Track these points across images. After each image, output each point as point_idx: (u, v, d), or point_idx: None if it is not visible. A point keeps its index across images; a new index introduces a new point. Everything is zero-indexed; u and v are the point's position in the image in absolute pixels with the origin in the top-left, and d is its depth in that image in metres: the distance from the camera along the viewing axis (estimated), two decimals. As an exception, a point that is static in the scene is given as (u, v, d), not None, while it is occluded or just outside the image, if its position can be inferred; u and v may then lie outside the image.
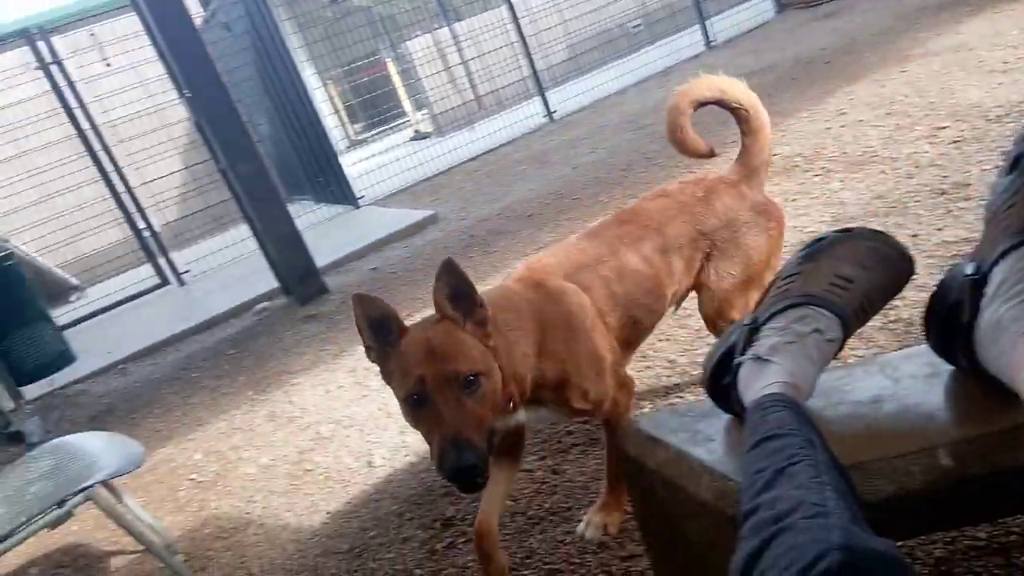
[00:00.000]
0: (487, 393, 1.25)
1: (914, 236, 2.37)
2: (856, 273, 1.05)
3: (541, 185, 5.48)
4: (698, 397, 2.01)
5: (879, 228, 1.11)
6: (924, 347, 1.07)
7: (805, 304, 1.06)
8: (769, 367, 1.02)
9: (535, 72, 8.82)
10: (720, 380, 1.13)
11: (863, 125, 3.69)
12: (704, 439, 1.16)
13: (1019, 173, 0.93)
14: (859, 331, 1.12)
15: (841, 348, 1.05)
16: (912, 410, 1.00)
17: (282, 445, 2.70)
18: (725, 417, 1.18)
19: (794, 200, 3.25)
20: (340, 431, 2.66)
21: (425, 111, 11.33)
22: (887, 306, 1.13)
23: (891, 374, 1.08)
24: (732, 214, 1.69)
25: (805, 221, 2.96)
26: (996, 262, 0.88)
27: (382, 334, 1.28)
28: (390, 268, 4.75)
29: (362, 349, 1.32)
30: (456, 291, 1.29)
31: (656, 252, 1.63)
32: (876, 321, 1.65)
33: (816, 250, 1.11)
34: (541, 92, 8.71)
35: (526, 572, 1.63)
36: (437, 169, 8.01)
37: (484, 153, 8.08)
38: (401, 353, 1.25)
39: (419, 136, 11.36)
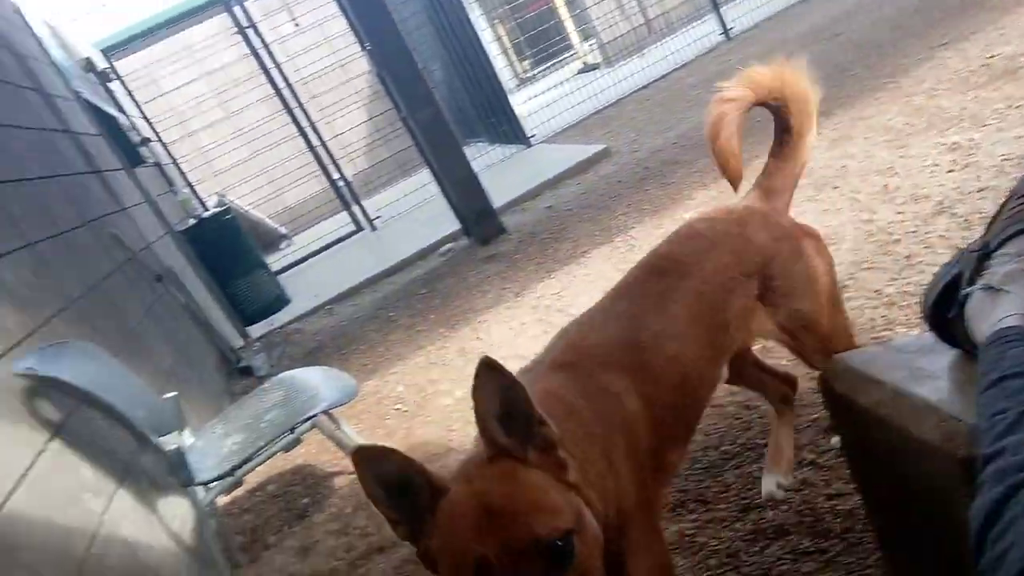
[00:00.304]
0: (586, 559, 0.86)
1: None
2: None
3: (719, 110, 5.17)
4: (909, 331, 1.85)
5: None
6: None
7: None
8: (1004, 297, 0.90)
9: (709, -13, 8.27)
10: (944, 313, 1.03)
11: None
12: (927, 376, 1.06)
13: None
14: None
15: (1087, 274, 0.91)
16: None
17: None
18: (950, 353, 1.08)
19: (1019, 107, 2.82)
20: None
21: (592, 41, 11.05)
22: None
23: None
24: (776, 245, 1.37)
25: (1039, 129, 2.57)
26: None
27: (407, 499, 0.89)
28: (565, 205, 4.77)
29: (543, 287, 1.19)
30: (508, 405, 0.90)
31: (706, 308, 1.30)
32: None
33: (1057, 165, 0.96)
34: (716, 8, 8.16)
35: (721, 506, 1.61)
36: (607, 101, 7.84)
37: (656, 80, 7.77)
38: (443, 524, 0.87)
39: (587, 68, 11.13)
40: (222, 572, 2.11)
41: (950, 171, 2.61)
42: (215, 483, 2.02)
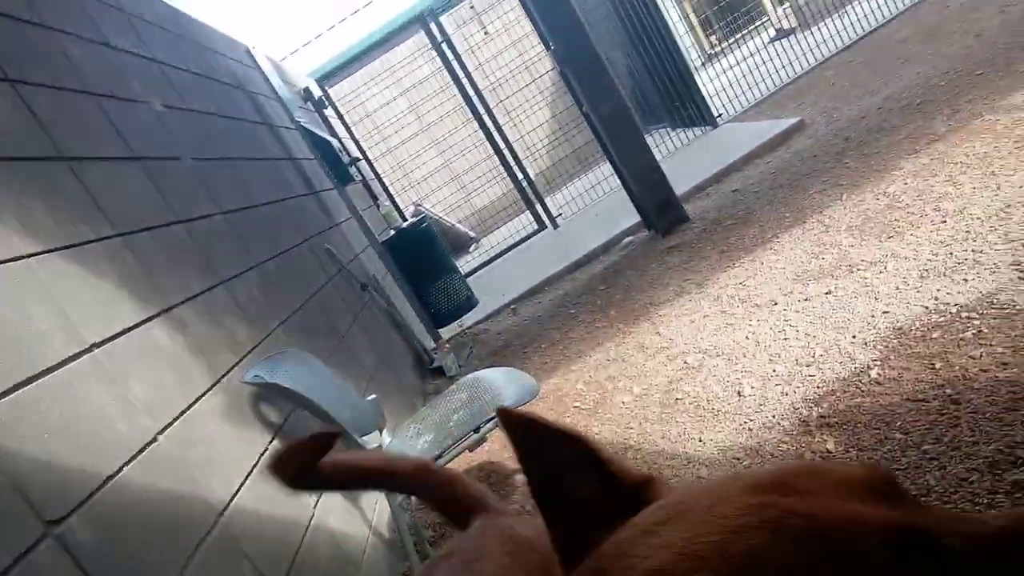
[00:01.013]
0: None
1: None
2: None
3: (933, 65, 4.59)
4: None
5: None
6: None
7: None
8: None
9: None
10: None
11: None
12: None
13: None
14: None
15: None
16: None
17: (652, 375, 2.80)
18: None
19: None
20: (707, 360, 2.65)
21: (787, 3, 10.29)
22: None
23: None
24: None
25: None
26: None
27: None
28: (752, 188, 4.50)
29: (726, 276, 0.98)
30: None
31: None
32: None
33: None
34: (929, -52, 7.20)
35: (917, 522, 1.44)
36: (804, 68, 7.26)
37: (859, 39, 7.05)
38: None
39: (781, 34, 10.38)
40: (414, 564, 2.27)
41: None
42: (406, 479, 2.18)
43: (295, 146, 4.78)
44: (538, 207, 7.38)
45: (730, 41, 12.27)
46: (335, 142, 5.85)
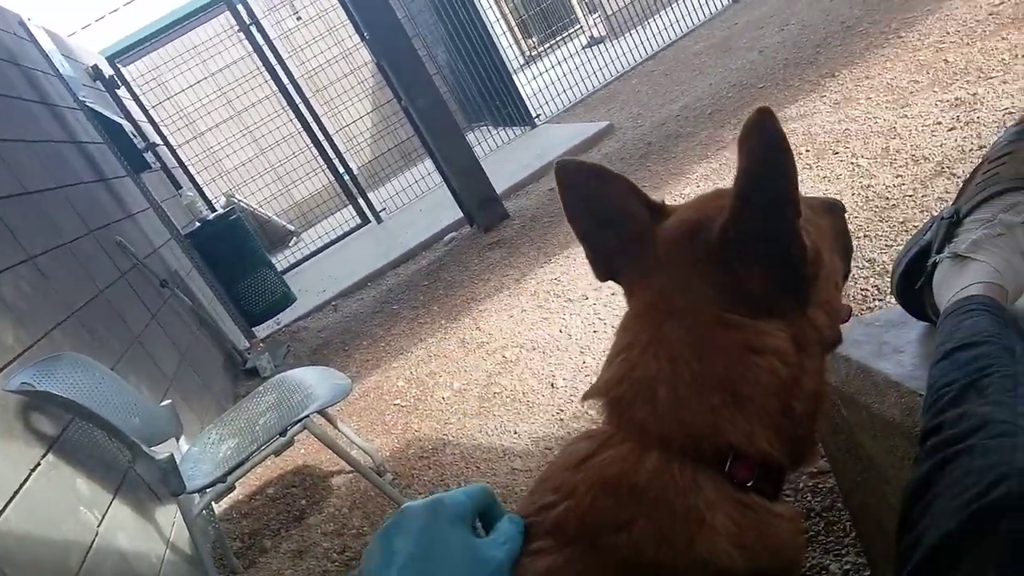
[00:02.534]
0: None
1: None
2: (1083, 145, 0.84)
3: (722, 77, 5.05)
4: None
5: None
6: None
7: (1018, 189, 0.88)
8: (970, 265, 0.86)
9: (712, -50, 8.05)
10: (913, 284, 0.99)
11: None
12: (892, 351, 1.03)
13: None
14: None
15: (1065, 237, 0.85)
16: None
17: (472, 370, 2.82)
18: (918, 326, 1.04)
19: (1029, 55, 2.69)
20: (524, 354, 2.72)
21: (598, 13, 10.86)
22: None
23: None
24: None
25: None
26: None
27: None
28: (568, 186, 4.69)
29: (542, 272, 1.07)
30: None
31: None
32: None
33: (1034, 123, 0.90)
34: (721, -29, 7.95)
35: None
36: (613, 74, 7.70)
37: (661, 50, 7.62)
38: None
39: (594, 42, 10.96)
40: (217, 578, 2.12)
41: (951, 129, 2.50)
42: (208, 490, 2.02)
43: (80, 128, 4.28)
44: (361, 201, 7.21)
45: (547, 45, 12.75)
46: (127, 125, 5.32)
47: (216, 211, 5.39)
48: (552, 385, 2.41)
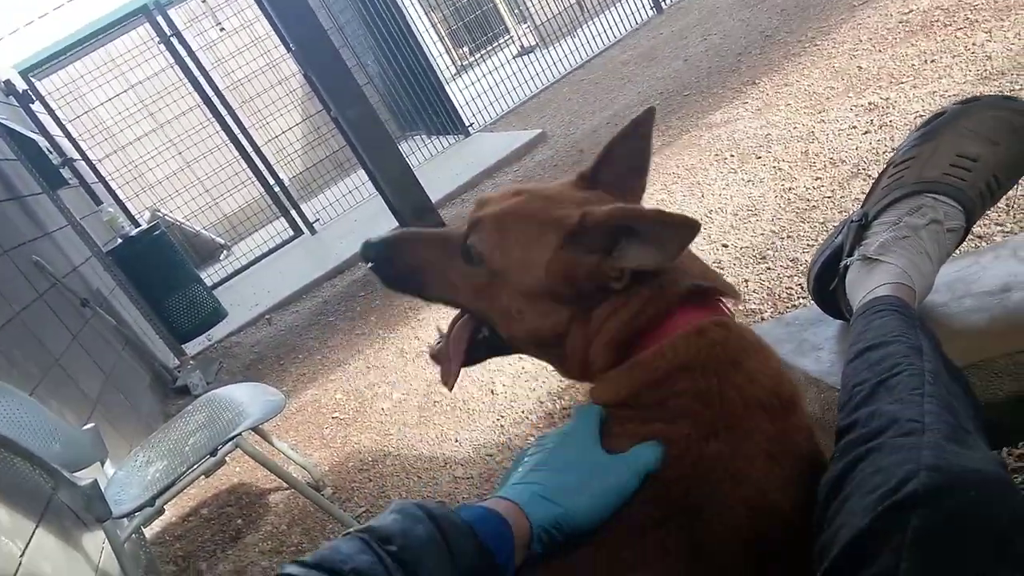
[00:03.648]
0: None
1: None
2: (982, 150, 0.89)
3: (649, 85, 5.18)
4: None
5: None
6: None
7: (921, 192, 0.92)
8: (878, 267, 0.91)
9: (637, -38, 8.24)
10: (827, 285, 1.03)
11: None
12: (811, 348, 1.07)
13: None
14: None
15: (964, 238, 0.91)
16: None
17: (412, 379, 2.80)
18: (836, 324, 1.09)
19: (934, 61, 2.86)
20: (463, 362, 2.71)
21: (527, 24, 10.97)
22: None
23: (1028, 258, 0.93)
24: None
25: (947, 84, 2.60)
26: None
27: None
28: (503, 193, 4.72)
29: None
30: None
31: None
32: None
33: (934, 128, 0.95)
34: (645, -18, 8.15)
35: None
36: (544, 83, 7.79)
37: (590, 60, 7.75)
38: None
39: (524, 51, 11.07)
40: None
41: (866, 132, 2.62)
42: (136, 514, 1.94)
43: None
44: (293, 213, 7.07)
45: (478, 55, 12.80)
46: (42, 141, 5.09)
47: (140, 226, 5.20)
48: (492, 391, 2.41)
